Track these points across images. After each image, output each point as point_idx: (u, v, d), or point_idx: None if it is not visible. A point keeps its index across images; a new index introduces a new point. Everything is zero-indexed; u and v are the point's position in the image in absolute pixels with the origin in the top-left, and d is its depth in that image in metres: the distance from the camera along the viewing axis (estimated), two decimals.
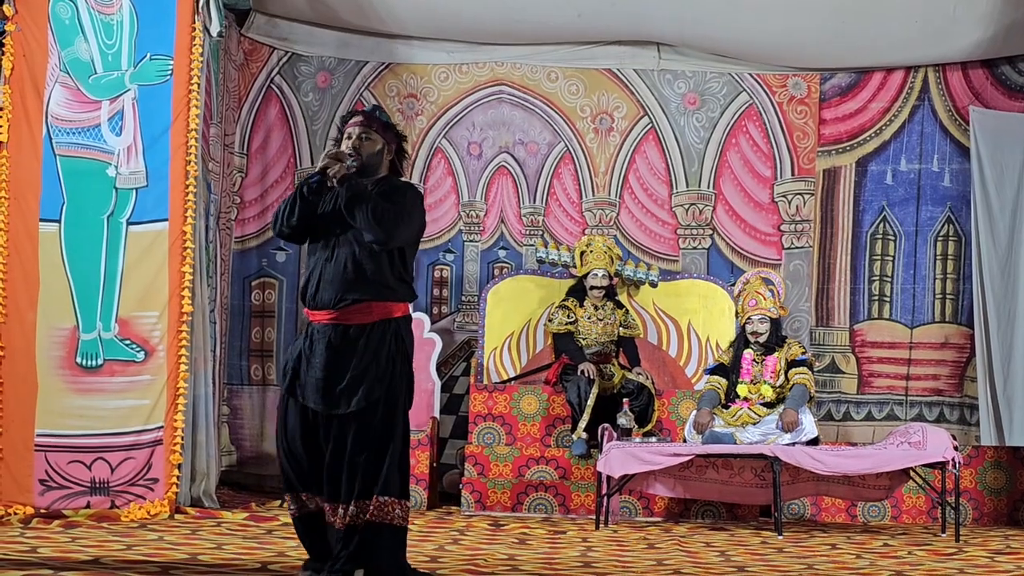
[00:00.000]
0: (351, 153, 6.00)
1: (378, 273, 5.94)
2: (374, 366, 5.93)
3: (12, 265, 9.25)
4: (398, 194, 6.03)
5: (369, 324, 5.95)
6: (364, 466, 5.89)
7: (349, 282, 5.92)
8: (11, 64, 9.38)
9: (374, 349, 5.95)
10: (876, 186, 11.81)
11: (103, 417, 9.29)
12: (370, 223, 5.83)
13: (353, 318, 5.92)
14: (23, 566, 6.47)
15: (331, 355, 5.93)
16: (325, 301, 5.93)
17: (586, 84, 12.01)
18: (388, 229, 5.88)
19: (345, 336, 5.92)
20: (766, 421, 9.86)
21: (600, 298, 10.93)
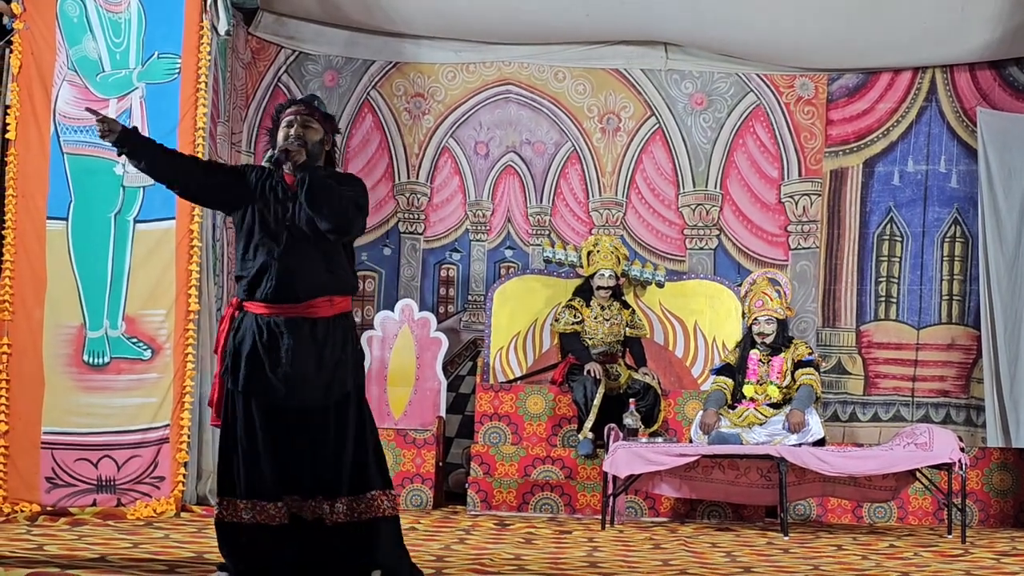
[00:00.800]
0: (301, 143, 5.94)
1: (338, 266, 5.92)
2: (344, 358, 5.93)
3: (19, 263, 9.26)
4: (352, 184, 6.01)
5: (332, 317, 5.93)
6: (352, 459, 5.88)
7: (316, 275, 5.87)
8: (19, 62, 9.39)
9: (341, 341, 5.94)
10: (883, 187, 11.80)
11: (110, 415, 9.30)
12: (335, 212, 5.77)
13: (320, 311, 5.89)
14: (30, 564, 6.47)
15: (302, 349, 5.86)
16: (292, 294, 5.85)
17: (593, 84, 12.01)
18: (351, 219, 5.87)
19: (313, 329, 5.88)
20: (772, 422, 9.85)
21: (607, 298, 10.93)
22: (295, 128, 5.96)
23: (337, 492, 5.84)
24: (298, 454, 5.83)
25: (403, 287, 11.82)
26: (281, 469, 5.83)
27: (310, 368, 5.83)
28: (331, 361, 5.87)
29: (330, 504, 5.85)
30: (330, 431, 5.86)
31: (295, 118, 6.00)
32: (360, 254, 11.77)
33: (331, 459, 5.84)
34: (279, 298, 5.82)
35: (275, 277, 5.81)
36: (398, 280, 11.88)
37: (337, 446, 5.85)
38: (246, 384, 5.84)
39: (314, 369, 5.84)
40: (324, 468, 5.83)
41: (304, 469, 5.84)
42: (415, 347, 11.15)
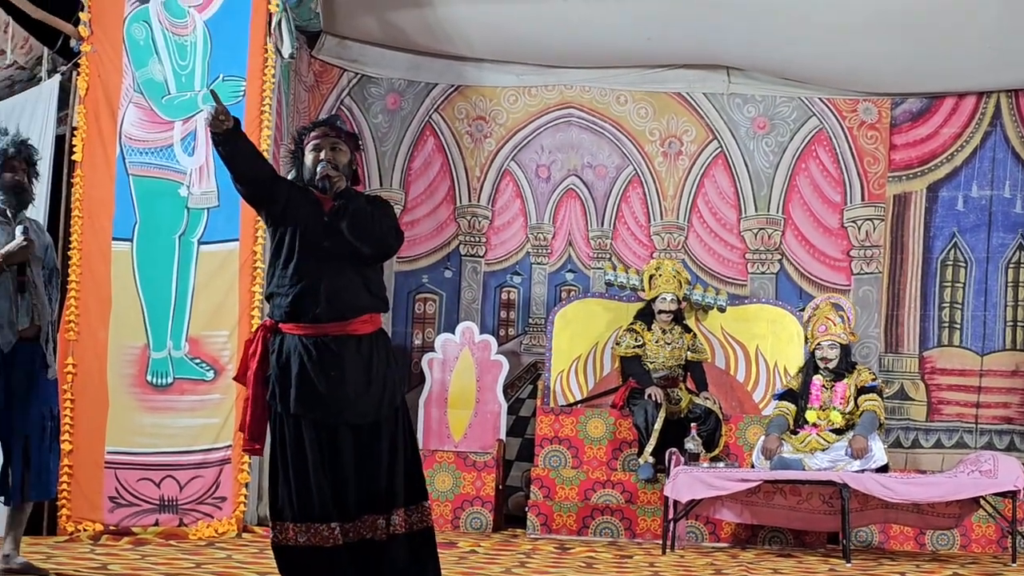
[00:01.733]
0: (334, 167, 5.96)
1: (375, 285, 5.97)
2: (390, 373, 5.96)
3: (85, 284, 9.33)
4: (383, 207, 6.04)
5: (372, 334, 5.96)
6: (408, 471, 5.91)
7: (358, 295, 5.90)
8: (86, 84, 9.47)
9: (384, 356, 5.97)
10: (947, 212, 11.72)
11: (173, 435, 9.35)
12: (376, 239, 5.85)
13: (362, 329, 5.91)
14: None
15: (353, 366, 5.88)
16: (335, 315, 5.88)
17: (655, 107, 12.00)
18: (391, 245, 5.97)
19: (359, 346, 5.90)
20: (835, 447, 9.78)
21: (668, 322, 10.90)
22: (325, 152, 5.96)
23: (392, 505, 5.86)
24: (349, 472, 5.84)
25: (464, 310, 11.82)
26: (332, 489, 5.84)
27: (362, 384, 5.86)
28: (379, 376, 5.91)
29: (385, 518, 5.86)
30: (383, 445, 5.88)
31: (322, 141, 6.00)
32: (421, 276, 11.83)
33: (385, 473, 5.86)
34: (327, 318, 5.84)
35: (323, 298, 5.84)
36: (459, 303, 11.88)
37: (391, 459, 5.88)
38: (297, 405, 5.84)
39: (365, 385, 5.87)
40: (377, 484, 5.85)
41: (354, 488, 5.85)
42: (475, 370, 11.15)
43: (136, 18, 9.59)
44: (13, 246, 6.70)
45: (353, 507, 5.84)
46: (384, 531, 5.84)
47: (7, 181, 6.84)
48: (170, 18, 9.61)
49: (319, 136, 6.00)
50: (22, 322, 6.74)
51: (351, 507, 5.84)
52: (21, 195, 6.89)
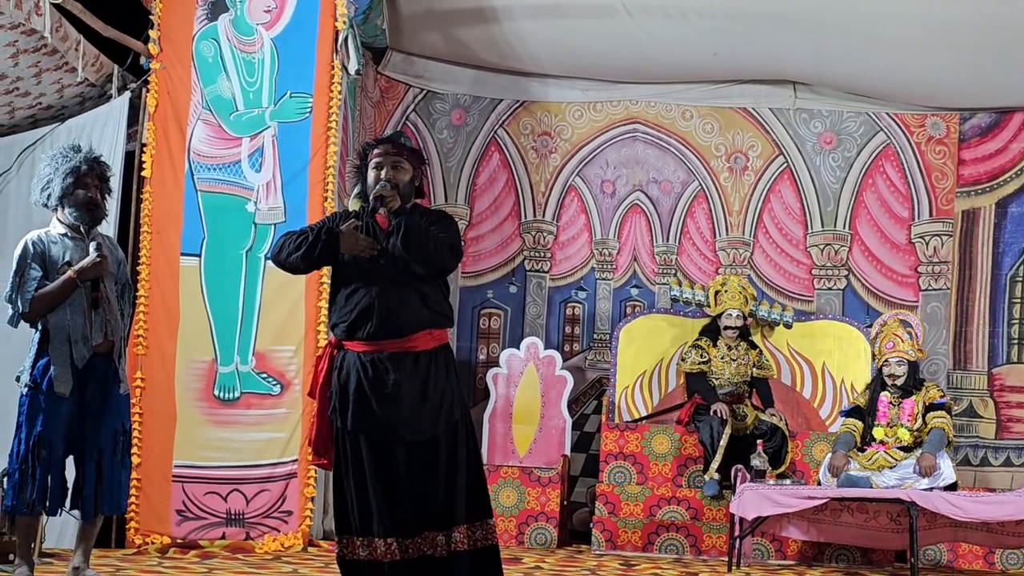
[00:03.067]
0: (393, 186, 5.96)
1: (435, 301, 5.96)
2: (449, 388, 5.95)
3: (154, 298, 9.41)
4: (444, 223, 6.04)
5: (433, 349, 5.95)
6: (469, 487, 5.91)
7: (415, 311, 5.90)
8: (155, 101, 9.55)
9: (444, 372, 5.97)
10: (1016, 228, 11.62)
11: (239, 449, 9.40)
12: (429, 257, 5.84)
13: (421, 344, 5.91)
14: None
15: (408, 382, 5.88)
16: (396, 331, 5.88)
17: (721, 123, 11.97)
18: (445, 262, 5.95)
19: (416, 362, 5.90)
20: (903, 465, 9.71)
21: (734, 338, 10.86)
22: (385, 171, 5.97)
23: (452, 522, 5.85)
24: (405, 488, 5.84)
25: (528, 325, 11.83)
26: (389, 506, 5.85)
27: (416, 401, 5.86)
28: (436, 392, 5.90)
29: (445, 535, 5.85)
30: (440, 461, 5.87)
31: (383, 159, 6.01)
32: (486, 291, 11.84)
33: (444, 489, 5.86)
34: (381, 335, 5.85)
35: (377, 316, 5.84)
36: (523, 318, 11.89)
37: (450, 475, 5.87)
38: (355, 421, 5.87)
39: (420, 401, 5.86)
40: (434, 500, 5.84)
41: (412, 505, 5.84)
42: (540, 385, 11.16)
43: (205, 35, 9.67)
44: (87, 262, 6.76)
45: (410, 523, 5.85)
46: (444, 548, 5.84)
47: (80, 198, 6.90)
48: (238, 35, 9.68)
49: (381, 154, 6.01)
50: (96, 338, 6.79)
51: (408, 523, 5.85)
52: (94, 211, 6.95)
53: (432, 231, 5.89)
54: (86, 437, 6.77)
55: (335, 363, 5.98)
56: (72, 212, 6.88)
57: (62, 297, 6.69)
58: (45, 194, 6.92)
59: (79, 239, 6.88)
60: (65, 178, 6.86)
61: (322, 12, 9.75)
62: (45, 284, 6.70)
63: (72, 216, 6.88)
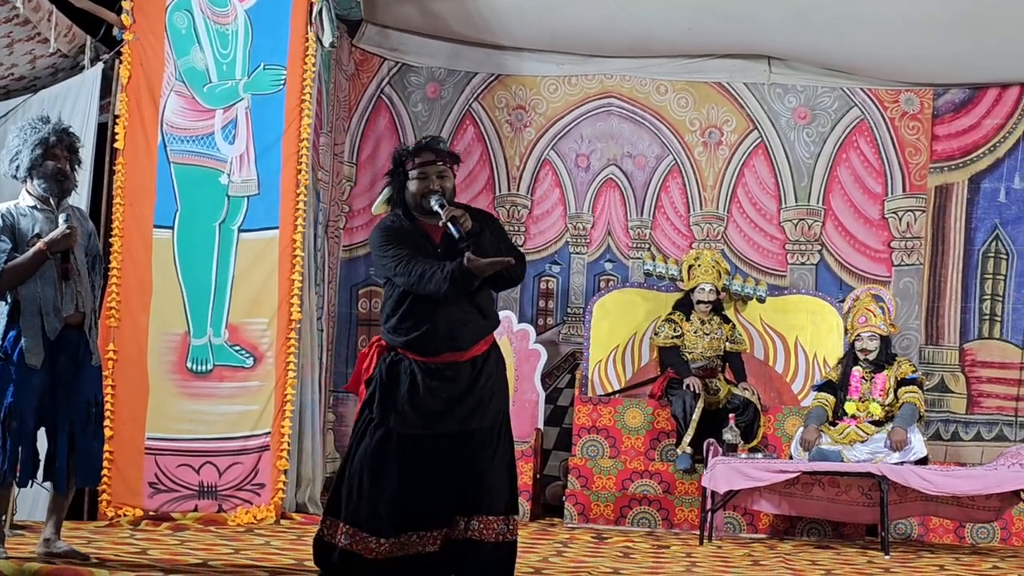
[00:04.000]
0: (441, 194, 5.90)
1: (490, 308, 5.99)
2: (496, 384, 5.97)
3: (126, 270, 9.37)
4: (500, 230, 6.02)
5: (487, 350, 5.97)
6: (506, 481, 5.94)
7: (475, 325, 5.91)
8: (128, 73, 9.50)
9: (494, 370, 5.98)
10: (989, 204, 11.66)
11: (212, 422, 9.39)
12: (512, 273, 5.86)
13: (476, 352, 5.92)
14: (134, 567, 6.57)
15: (462, 387, 5.89)
16: (457, 344, 5.87)
17: (695, 97, 11.97)
18: (520, 278, 6.03)
19: (472, 368, 5.92)
20: (874, 439, 9.76)
21: (707, 312, 10.89)
22: (434, 182, 5.90)
23: (476, 510, 5.86)
24: (441, 485, 5.85)
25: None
26: (418, 505, 5.85)
27: (459, 397, 5.86)
28: (485, 390, 5.90)
29: (466, 521, 5.87)
30: (480, 453, 5.87)
31: (429, 169, 5.91)
32: None
33: (476, 480, 5.86)
34: (447, 350, 5.85)
35: (441, 338, 5.83)
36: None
37: (486, 467, 5.88)
38: (398, 421, 5.85)
39: (464, 397, 5.87)
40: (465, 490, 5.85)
41: (441, 500, 5.86)
42: (514, 359, 11.16)
43: (178, 7, 9.61)
44: (56, 234, 6.73)
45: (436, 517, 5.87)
46: (463, 533, 5.86)
47: (49, 169, 6.87)
48: (212, 7, 9.64)
49: (425, 163, 5.92)
50: (67, 309, 6.77)
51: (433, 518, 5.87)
52: (63, 183, 6.91)
53: (501, 245, 5.85)
54: (58, 409, 6.76)
55: (384, 358, 5.96)
56: (41, 184, 6.85)
57: (32, 269, 6.67)
58: (14, 166, 6.89)
59: (49, 211, 6.85)
60: (34, 149, 6.83)
61: None
62: (15, 256, 6.67)
63: (41, 188, 6.85)
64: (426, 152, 5.95)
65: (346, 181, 11.63)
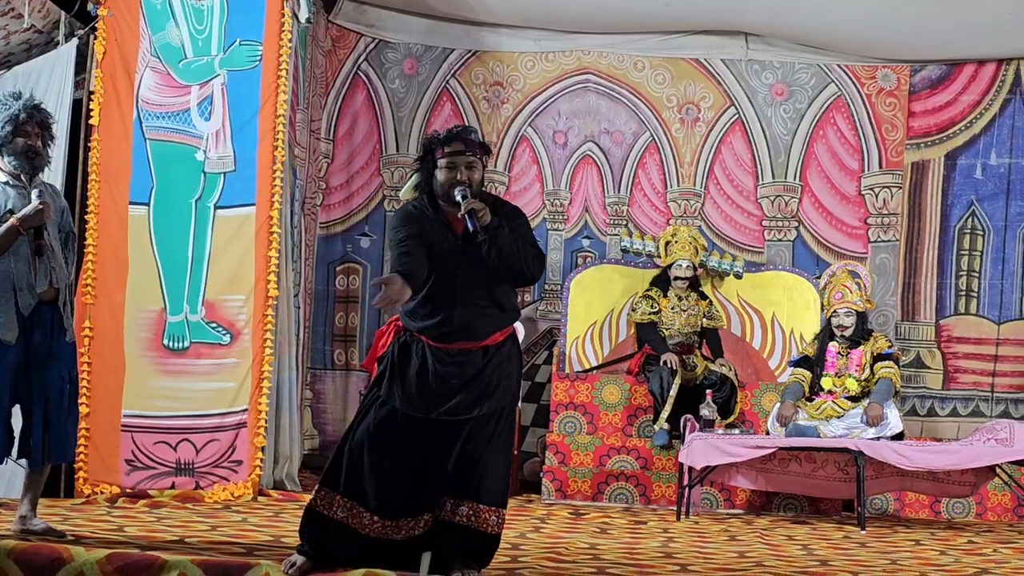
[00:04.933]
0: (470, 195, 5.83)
1: (508, 300, 5.94)
2: (505, 376, 5.93)
3: (102, 247, 9.33)
4: (523, 225, 5.97)
5: (502, 341, 5.95)
6: (502, 471, 5.93)
7: (491, 316, 5.87)
8: (103, 49, 9.44)
9: (503, 360, 5.95)
10: (965, 180, 11.68)
11: (189, 399, 9.36)
12: (523, 272, 5.82)
13: (491, 342, 5.90)
14: (110, 544, 6.54)
15: (471, 374, 5.87)
16: (471, 335, 5.86)
17: (673, 74, 11.96)
18: (537, 272, 5.94)
19: (484, 356, 5.90)
20: (850, 415, 9.79)
21: (684, 288, 10.89)
22: (460, 172, 5.85)
23: (466, 496, 5.86)
24: (436, 470, 5.85)
25: None
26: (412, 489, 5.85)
27: (467, 385, 5.84)
28: (493, 379, 5.86)
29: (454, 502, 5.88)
30: (476, 442, 5.86)
31: (457, 159, 5.87)
32: None
33: (470, 467, 5.85)
34: (462, 339, 5.83)
35: (455, 325, 5.80)
36: None
37: (481, 455, 5.86)
38: (404, 403, 5.84)
39: (471, 384, 5.84)
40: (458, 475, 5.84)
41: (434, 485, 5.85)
42: None
43: None
44: (29, 210, 6.70)
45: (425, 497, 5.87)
46: (448, 515, 5.86)
47: (20, 146, 6.84)
48: None
49: (454, 153, 5.86)
50: (41, 285, 6.75)
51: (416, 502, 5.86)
52: (34, 160, 6.88)
53: (519, 242, 5.82)
54: (32, 385, 6.74)
55: (399, 338, 5.95)
56: (11, 161, 6.82)
57: (5, 245, 6.64)
58: None
59: (21, 187, 6.83)
60: (3, 126, 6.80)
61: None
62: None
63: (12, 165, 6.83)
64: (456, 142, 5.89)
65: (323, 158, 11.61)
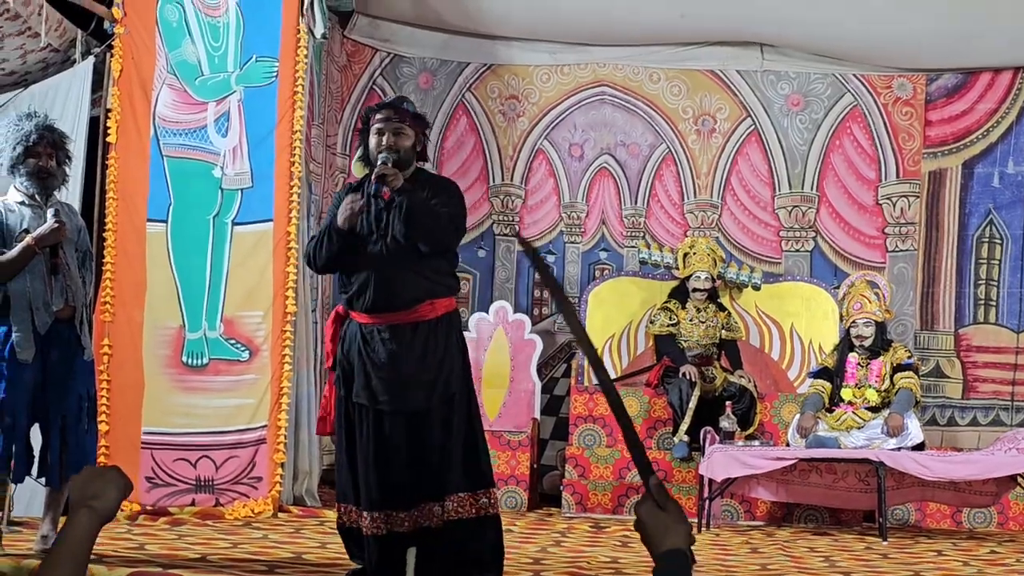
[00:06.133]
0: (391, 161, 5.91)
1: (437, 271, 5.95)
2: (448, 359, 5.95)
3: (120, 265, 9.34)
4: (448, 196, 6.01)
5: (435, 319, 5.95)
6: (462, 457, 5.91)
7: (415, 283, 5.89)
8: (120, 66, 9.47)
9: (444, 342, 5.96)
10: (982, 189, 11.65)
11: (208, 416, 9.36)
12: (432, 235, 5.84)
13: (424, 314, 5.90)
14: (132, 563, 6.55)
15: (405, 354, 5.88)
16: (392, 303, 5.86)
17: (688, 85, 11.95)
18: (448, 240, 5.98)
19: (414, 333, 5.90)
20: (871, 425, 9.76)
21: (702, 300, 10.87)
22: (386, 137, 5.94)
23: (444, 491, 5.86)
24: (400, 462, 5.85)
25: (498, 289, 11.82)
26: (379, 479, 5.85)
27: (412, 372, 5.86)
28: (434, 362, 5.90)
29: (440, 505, 5.86)
30: (435, 432, 5.88)
31: (385, 125, 5.98)
32: None
33: (438, 461, 5.86)
34: (380, 308, 5.86)
35: (373, 289, 5.84)
36: (492, 282, 11.88)
37: (444, 446, 5.87)
38: (356, 393, 5.87)
39: (416, 373, 5.86)
40: (430, 472, 5.85)
41: (407, 479, 5.86)
42: (510, 349, 11.15)
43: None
44: (45, 228, 6.72)
45: (402, 496, 5.86)
46: (440, 518, 5.85)
47: (31, 167, 6.87)
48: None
49: (383, 119, 5.98)
50: (57, 303, 6.77)
51: (399, 496, 5.86)
52: (46, 180, 6.91)
53: (435, 207, 5.86)
54: (50, 404, 6.76)
55: (341, 333, 6.00)
56: (24, 181, 6.86)
57: (21, 264, 6.66)
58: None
59: (37, 207, 6.85)
60: (15, 147, 6.84)
61: None
62: (3, 252, 6.67)
63: (24, 185, 6.86)
64: (386, 109, 6.04)
65: (339, 173, 11.61)
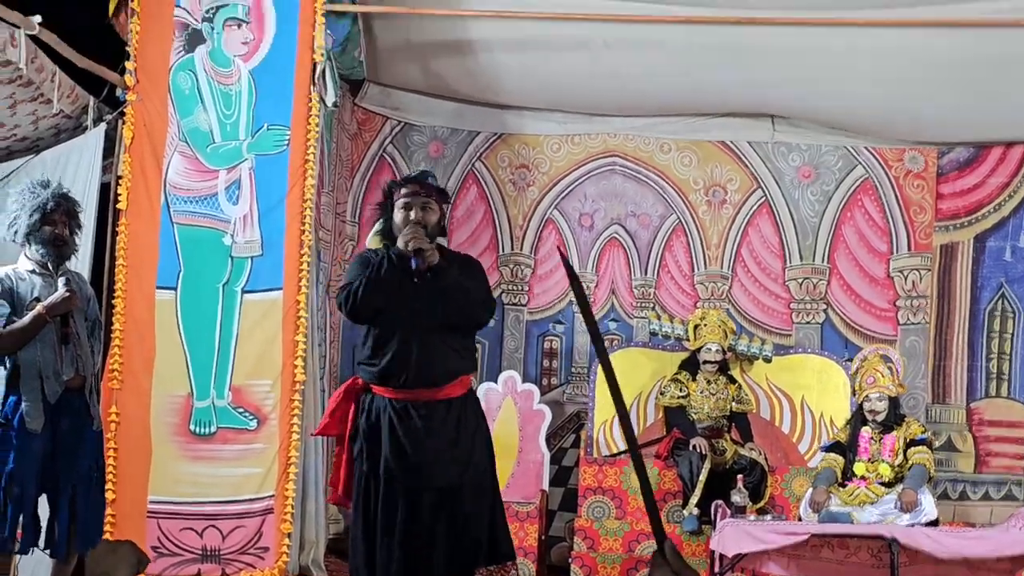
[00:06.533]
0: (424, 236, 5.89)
1: (466, 348, 5.93)
2: (478, 434, 5.93)
3: (128, 332, 9.30)
4: (474, 272, 6.00)
5: (463, 396, 5.92)
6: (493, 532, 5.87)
7: (449, 360, 5.86)
8: (131, 133, 9.46)
9: (474, 417, 5.95)
10: (994, 262, 11.61)
11: (215, 485, 9.29)
12: (467, 315, 5.84)
13: (452, 392, 5.88)
14: None
15: (441, 430, 5.85)
16: (426, 382, 5.83)
17: (699, 156, 11.94)
18: (481, 319, 6.04)
19: (448, 410, 5.87)
20: (884, 501, 9.68)
21: (713, 372, 10.81)
22: (414, 212, 5.90)
23: (474, 563, 5.81)
24: (432, 538, 5.79)
25: (506, 359, 11.76)
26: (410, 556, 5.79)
27: (447, 448, 5.82)
28: (467, 438, 5.86)
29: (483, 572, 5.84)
30: (466, 506, 5.84)
31: (412, 200, 5.94)
32: None
33: (471, 534, 5.82)
34: (417, 385, 5.80)
35: (414, 367, 5.79)
36: (501, 351, 11.83)
37: (477, 519, 5.83)
38: (387, 469, 5.80)
39: (450, 448, 5.82)
40: (461, 545, 5.80)
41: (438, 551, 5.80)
42: (518, 419, 11.08)
43: (182, 67, 9.59)
44: (56, 297, 6.70)
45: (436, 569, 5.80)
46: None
47: (47, 235, 6.86)
48: (215, 67, 9.62)
49: (410, 194, 5.96)
50: (67, 372, 6.73)
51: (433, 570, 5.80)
52: (61, 248, 6.91)
53: (467, 287, 5.84)
54: (59, 474, 6.71)
55: (361, 406, 5.93)
56: (39, 249, 6.84)
57: (31, 333, 6.63)
58: (12, 231, 6.89)
59: (48, 275, 6.83)
60: (31, 215, 6.83)
61: (300, 44, 9.68)
62: (14, 321, 6.63)
63: (39, 253, 6.84)
64: (412, 184, 6.05)
65: (348, 240, 11.59)
